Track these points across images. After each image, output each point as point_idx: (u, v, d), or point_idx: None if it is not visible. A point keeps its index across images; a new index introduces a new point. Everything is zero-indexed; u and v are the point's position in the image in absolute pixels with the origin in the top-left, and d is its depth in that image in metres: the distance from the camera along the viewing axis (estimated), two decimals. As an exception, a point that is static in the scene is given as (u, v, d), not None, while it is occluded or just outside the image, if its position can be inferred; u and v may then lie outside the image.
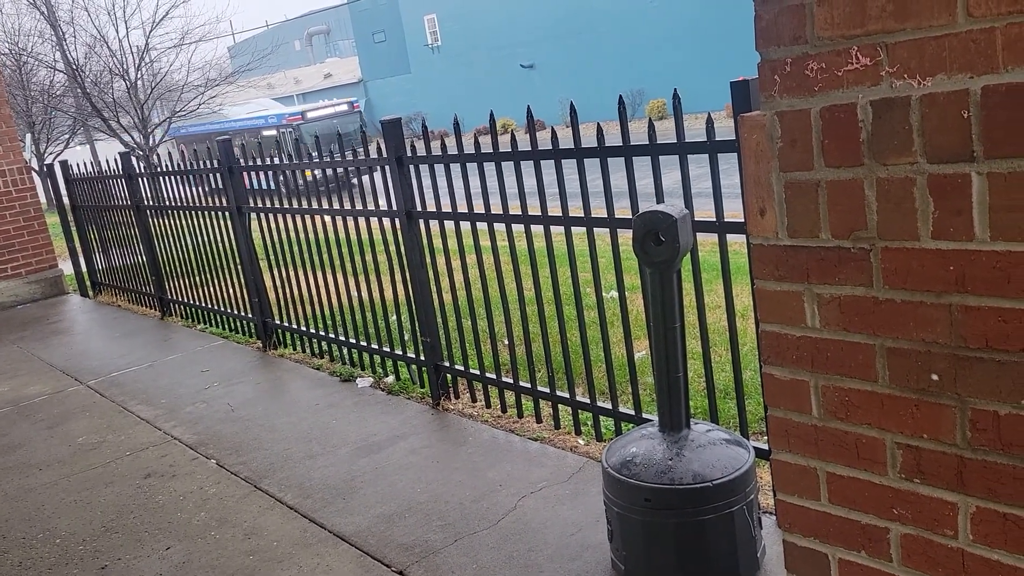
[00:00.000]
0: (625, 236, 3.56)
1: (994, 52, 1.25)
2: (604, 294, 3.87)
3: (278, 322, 6.23)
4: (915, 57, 1.34)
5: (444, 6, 38.84)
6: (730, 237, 3.21)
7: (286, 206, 5.64)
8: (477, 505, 3.59)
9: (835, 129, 1.46)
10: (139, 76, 21.14)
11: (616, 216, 3.51)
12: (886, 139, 1.39)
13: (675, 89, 3.13)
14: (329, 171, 5.12)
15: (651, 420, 3.67)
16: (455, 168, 4.20)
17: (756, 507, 2.85)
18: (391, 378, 5.20)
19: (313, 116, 25.05)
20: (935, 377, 1.43)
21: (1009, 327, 1.32)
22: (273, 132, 24.86)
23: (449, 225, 4.49)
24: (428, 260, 4.61)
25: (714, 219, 3.15)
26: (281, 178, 5.69)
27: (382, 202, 4.71)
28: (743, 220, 3.05)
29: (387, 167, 4.56)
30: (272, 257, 5.97)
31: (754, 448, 2.95)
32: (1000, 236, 1.29)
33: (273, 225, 5.83)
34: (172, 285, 7.69)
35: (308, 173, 5.23)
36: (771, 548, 2.94)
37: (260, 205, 5.95)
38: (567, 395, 4.07)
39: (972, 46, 1.27)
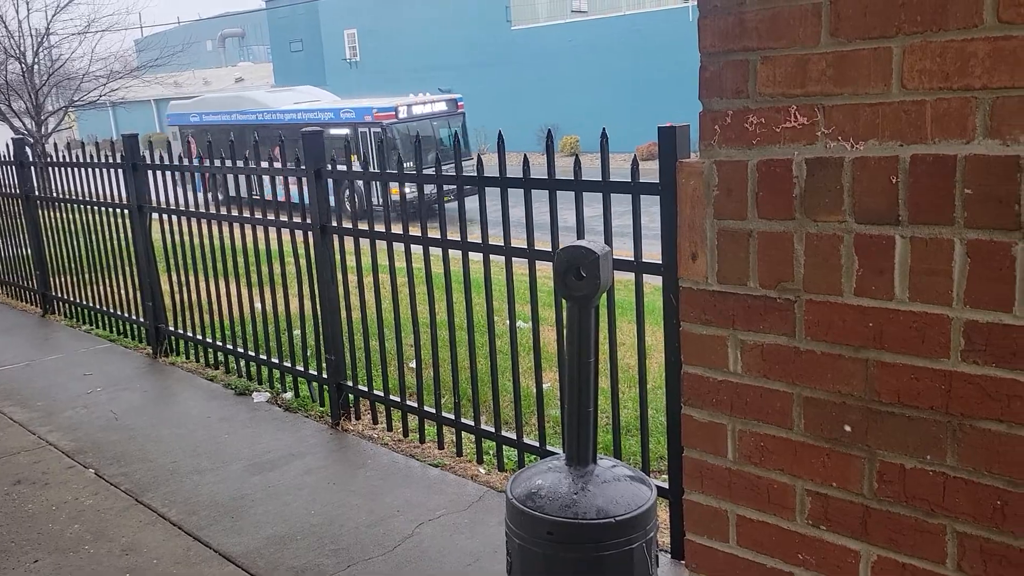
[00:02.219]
0: (543, 268, 3.59)
1: (924, 123, 1.33)
2: (519, 323, 3.88)
3: (172, 328, 5.98)
4: (850, 121, 1.41)
5: (365, 22, 38.64)
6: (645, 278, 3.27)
7: (192, 209, 5.45)
8: (373, 530, 3.52)
9: (770, 182, 1.51)
10: (36, 60, 20.17)
11: (536, 248, 3.53)
12: (818, 196, 1.45)
13: (603, 128, 3.19)
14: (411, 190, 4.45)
15: (554, 453, 3.69)
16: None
17: (655, 544, 2.89)
18: (289, 394, 5.05)
19: (408, 114, 19.39)
20: (847, 428, 1.48)
21: (921, 384, 1.38)
22: (344, 130, 18.24)
23: (365, 244, 4.42)
24: (340, 277, 4.52)
25: (632, 258, 3.20)
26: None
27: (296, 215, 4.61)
28: (659, 262, 3.13)
29: (304, 179, 4.47)
30: (172, 261, 5.75)
31: (656, 485, 2.99)
32: (918, 297, 1.36)
33: (177, 228, 5.61)
34: (58, 282, 7.29)
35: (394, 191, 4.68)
36: (665, 586, 2.98)
37: (163, 206, 5.73)
38: (472, 423, 4.05)
39: (904, 116, 1.35)
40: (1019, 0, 1.21)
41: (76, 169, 6.46)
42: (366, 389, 4.56)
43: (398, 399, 4.39)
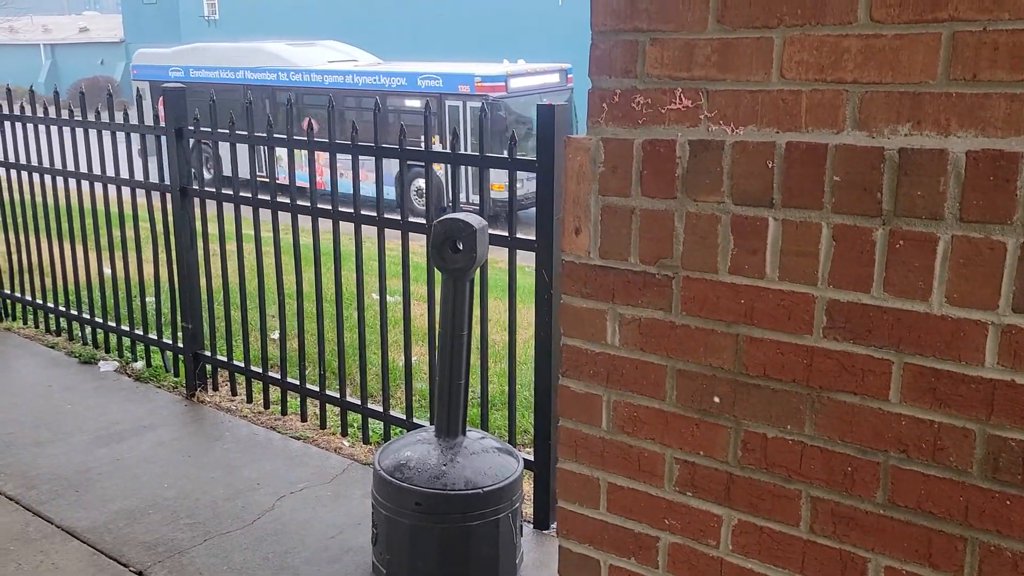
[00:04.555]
0: (416, 240, 3.57)
1: (799, 112, 1.40)
2: (387, 297, 3.84)
3: (7, 291, 5.55)
4: (731, 106, 1.47)
5: (226, -22, 36.81)
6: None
7: (34, 164, 5.05)
8: (231, 504, 3.41)
9: (654, 162, 1.56)
10: None
11: (410, 220, 3.50)
12: (699, 177, 1.51)
13: (483, 103, 3.19)
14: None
15: (421, 425, 3.69)
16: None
17: (520, 515, 2.95)
18: (140, 364, 4.80)
19: (518, 87, 14.67)
20: (716, 400, 1.56)
21: (785, 359, 1.47)
22: (416, 101, 14.14)
23: (229, 210, 4.24)
24: (200, 243, 4.32)
25: (505, 234, 3.23)
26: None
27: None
28: (533, 238, 3.17)
29: (163, 138, 4.23)
30: (10, 219, 5.32)
31: (523, 458, 3.05)
32: (787, 277, 1.45)
33: (15, 184, 5.19)
34: None
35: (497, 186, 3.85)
36: (528, 555, 3.05)
37: (1, 159, 5.28)
38: (336, 394, 3.98)
39: (781, 104, 1.42)
40: (889, 1, 1.30)
41: None
42: (225, 359, 4.40)
43: (259, 370, 4.26)
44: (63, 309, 5.18)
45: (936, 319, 1.32)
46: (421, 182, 12.52)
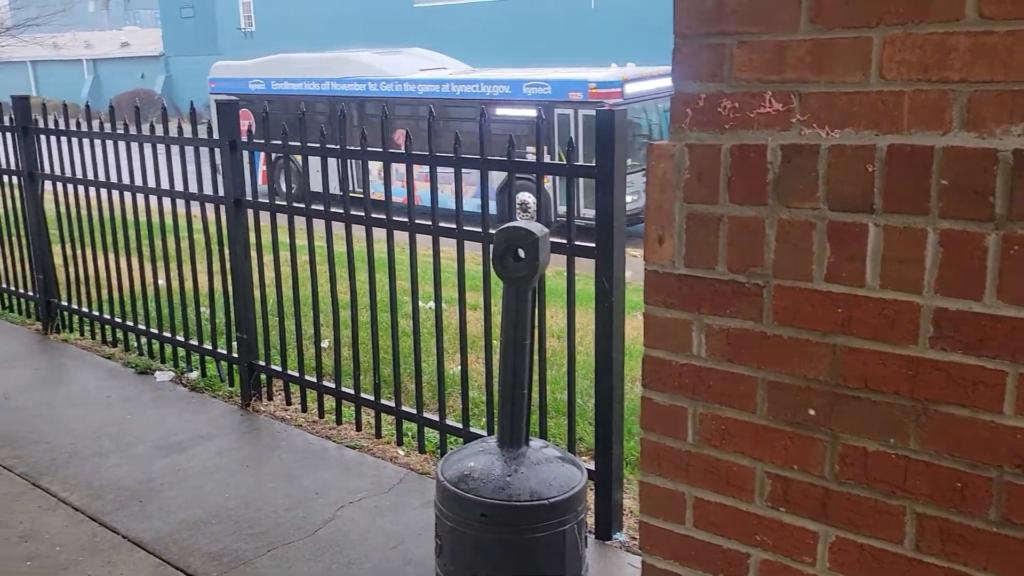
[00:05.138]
0: (471, 248, 3.55)
1: (901, 114, 1.35)
2: (439, 305, 3.82)
3: (65, 303, 5.64)
4: (826, 109, 1.42)
5: (262, -9, 37.30)
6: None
7: (90, 177, 5.12)
8: (292, 513, 3.41)
9: (743, 167, 1.51)
10: (-100, 13, 18.60)
11: (464, 228, 3.48)
12: (792, 182, 1.46)
13: (539, 110, 3.16)
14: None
15: (477, 435, 3.66)
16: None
17: (584, 526, 2.91)
18: (195, 374, 4.84)
19: (633, 92, 13.27)
20: (811, 412, 1.51)
21: (887, 370, 1.41)
22: (526, 112, 12.83)
23: (284, 220, 4.26)
24: (254, 253, 4.35)
25: (565, 241, 3.20)
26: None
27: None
28: (593, 245, 3.13)
29: (219, 150, 4.27)
30: (66, 232, 5.40)
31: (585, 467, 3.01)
32: (889, 285, 1.39)
33: (72, 198, 5.27)
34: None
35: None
36: (592, 566, 3.01)
37: (59, 173, 5.36)
38: (391, 403, 3.97)
39: (881, 106, 1.37)
40: (1000, -3, 1.24)
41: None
42: (279, 369, 4.41)
43: (313, 379, 4.27)
44: (119, 320, 5.24)
45: (1055, 328, 1.26)
46: (524, 195, 11.81)
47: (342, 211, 3.89)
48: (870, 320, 1.42)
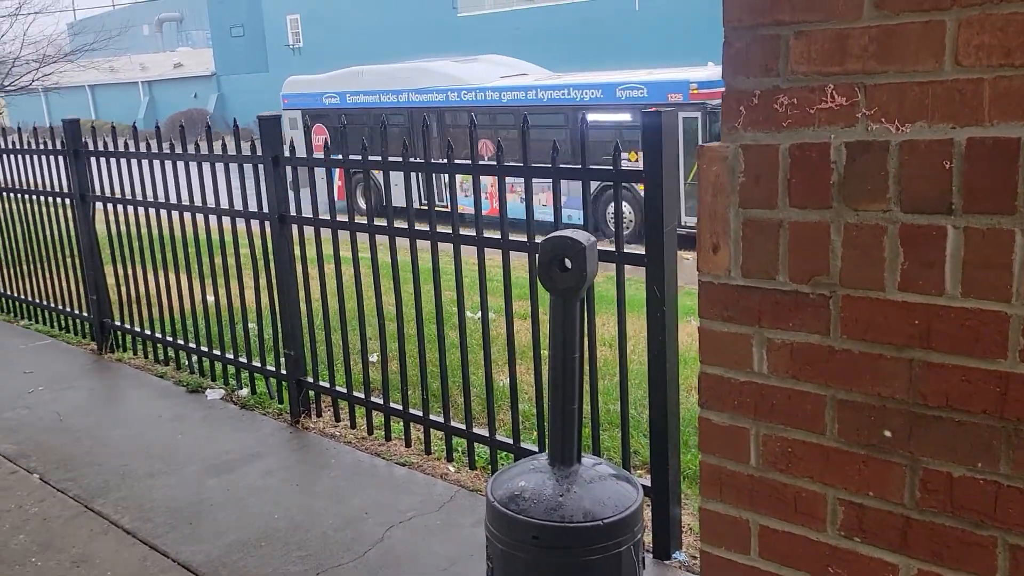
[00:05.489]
0: (517, 257, 3.46)
1: (981, 104, 1.22)
2: (477, 314, 3.73)
3: (118, 323, 5.70)
4: (895, 101, 1.29)
5: (308, 7, 37.86)
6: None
7: (139, 198, 5.17)
8: (341, 534, 3.35)
9: (804, 168, 1.39)
10: (-35, 42, 19.28)
11: (510, 238, 3.39)
12: (859, 183, 1.34)
13: (582, 114, 3.06)
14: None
15: (528, 450, 3.57)
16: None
17: (642, 546, 2.78)
18: (245, 391, 4.84)
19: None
20: (888, 434, 1.38)
21: (973, 387, 1.28)
22: (620, 116, 12.58)
23: (326, 234, 4.22)
24: (299, 268, 4.32)
25: (613, 249, 3.09)
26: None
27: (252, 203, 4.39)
28: (643, 252, 3.02)
29: (262, 166, 4.25)
30: (117, 252, 5.46)
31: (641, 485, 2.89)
32: (972, 293, 1.26)
33: (123, 218, 5.33)
34: (-7, 275, 6.91)
35: None
36: (651, 588, 2.89)
37: (109, 195, 5.43)
38: (440, 419, 3.90)
39: (958, 96, 1.24)
40: (1093, -32, 1.11)
41: (11, 156, 6.10)
42: (328, 385, 4.37)
43: (361, 395, 4.22)
44: (170, 339, 5.27)
45: None
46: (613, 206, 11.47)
47: (385, 224, 3.83)
48: (952, 332, 1.28)
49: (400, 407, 4.04)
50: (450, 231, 3.58)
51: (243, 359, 4.81)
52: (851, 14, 1.31)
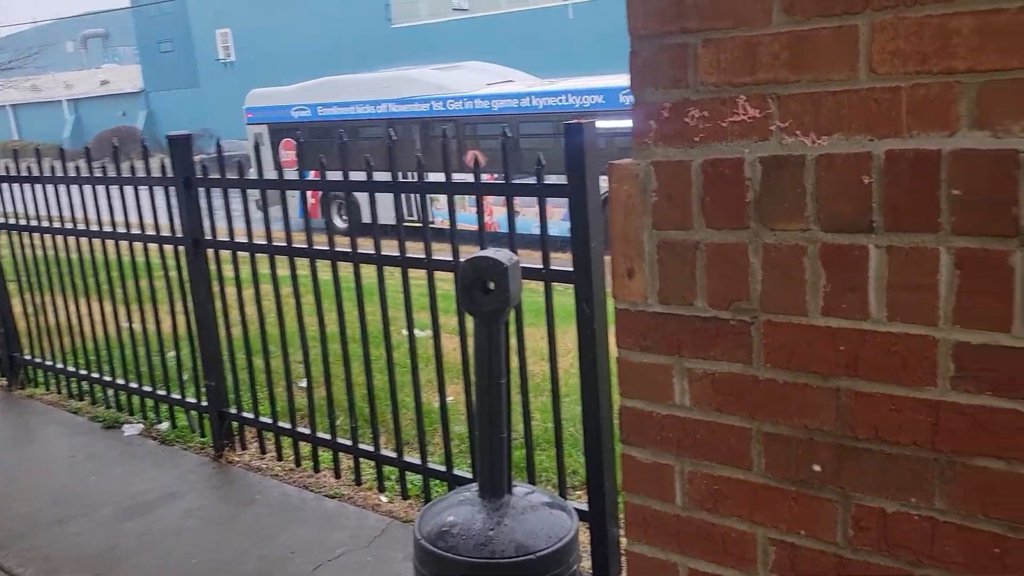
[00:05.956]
0: (443, 274, 3.33)
1: (898, 114, 1.13)
2: (417, 332, 3.58)
3: (28, 357, 5.39)
4: (810, 112, 1.20)
5: (238, 21, 37.24)
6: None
7: (45, 226, 4.89)
8: (265, 577, 3.17)
9: (718, 186, 1.29)
10: None
11: (434, 258, 3.26)
12: (776, 201, 1.24)
13: (504, 127, 2.95)
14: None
15: (462, 477, 3.43)
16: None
17: (579, 575, 2.67)
18: (165, 425, 4.60)
19: None
20: (817, 468, 1.28)
21: (902, 417, 1.19)
22: (622, 123, 9.28)
23: (244, 256, 4.04)
24: (217, 293, 4.12)
25: (540, 266, 2.98)
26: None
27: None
28: (570, 269, 2.91)
29: (172, 188, 4.04)
30: (25, 282, 5.17)
31: (576, 510, 2.78)
32: (898, 317, 1.17)
33: (28, 244, 5.04)
34: None
35: None
36: (590, 617, 2.77)
37: (11, 222, 5.13)
38: (371, 448, 3.74)
39: (874, 105, 1.15)
40: (1009, -33, 1.03)
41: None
42: (252, 416, 4.17)
43: (288, 426, 4.03)
44: (84, 372, 5.00)
45: (1104, 362, 1.04)
46: None
47: (306, 247, 3.67)
48: (878, 359, 1.20)
49: (328, 436, 3.87)
50: (373, 252, 3.43)
51: (162, 391, 4.57)
52: (760, 20, 1.22)
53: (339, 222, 13.64)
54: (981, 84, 1.07)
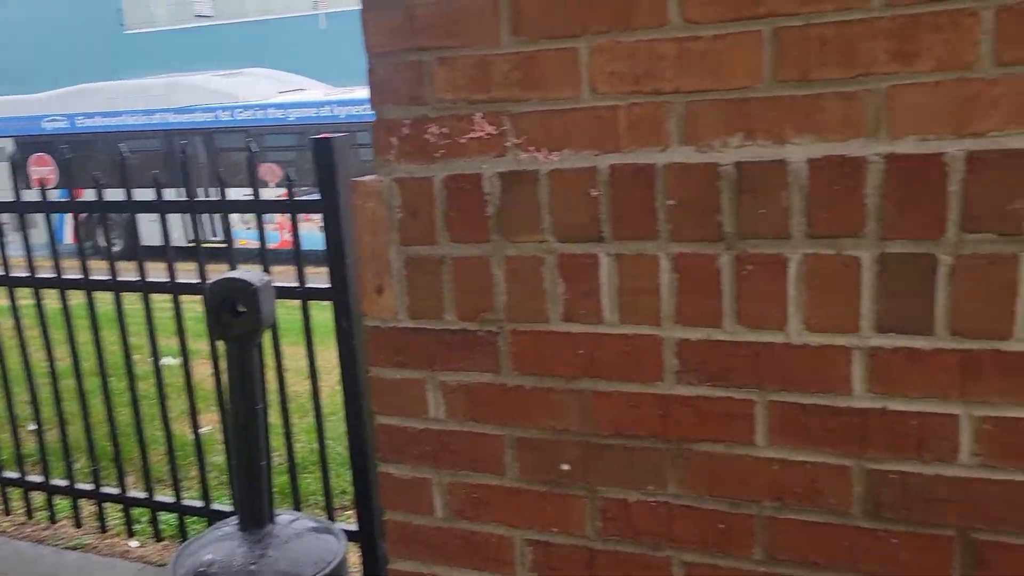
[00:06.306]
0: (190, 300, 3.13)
1: (617, 131, 1.22)
2: (163, 360, 3.34)
3: None
4: (541, 130, 1.26)
5: (-59, 22, 32.93)
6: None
7: None
8: (-6, 649, 2.81)
9: (460, 201, 1.32)
10: None
11: (179, 281, 3.06)
12: (515, 215, 1.29)
13: (249, 142, 2.84)
14: None
15: (222, 511, 3.24)
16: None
17: (349, 599, 2.62)
18: None
19: None
20: (566, 467, 1.35)
21: (638, 411, 1.28)
22: None
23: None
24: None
25: (296, 284, 2.89)
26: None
27: None
28: (328, 286, 2.85)
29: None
30: None
31: (343, 531, 2.72)
32: (628, 319, 1.26)
33: None
34: None
35: None
36: (364, 639, 2.73)
37: None
38: (116, 490, 3.43)
39: (597, 123, 1.23)
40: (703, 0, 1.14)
41: None
42: (-32, 468, 3.69)
43: (17, 475, 3.60)
44: None
45: (797, 349, 1.18)
46: None
47: (27, 275, 3.31)
48: (614, 360, 1.28)
49: (65, 482, 3.51)
50: (108, 278, 3.16)
51: None
52: (490, 40, 1.27)
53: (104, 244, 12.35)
54: (686, 104, 1.18)
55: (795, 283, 1.16)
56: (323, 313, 3.02)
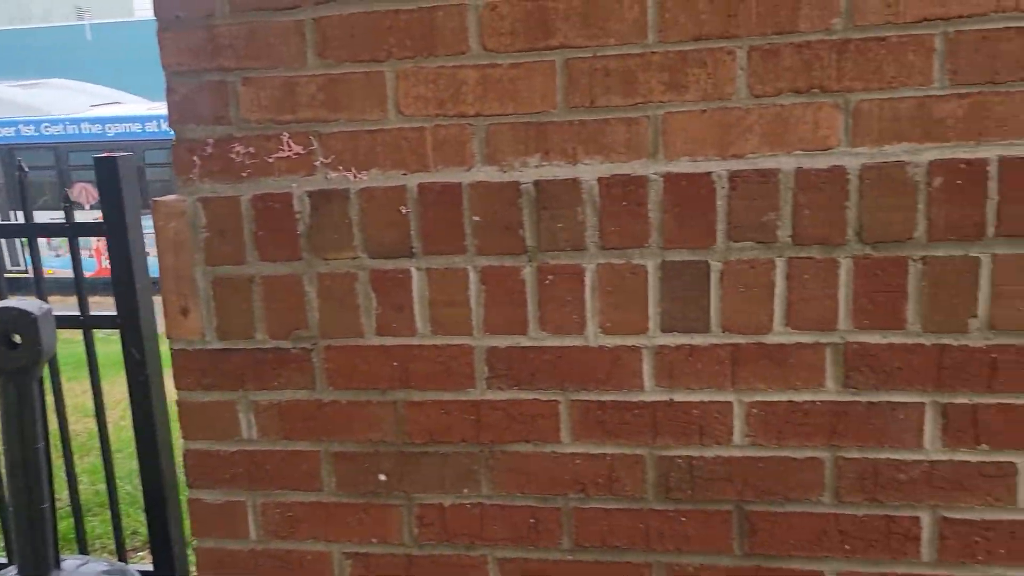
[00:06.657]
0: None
1: (425, 151, 1.28)
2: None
3: None
4: (349, 150, 1.30)
5: None
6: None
7: None
8: None
9: (270, 220, 1.33)
10: None
11: (-63, 313, 2.77)
12: (326, 232, 1.32)
13: (20, 160, 2.63)
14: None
15: (2, 563, 2.95)
16: None
17: (149, 643, 2.48)
18: None
19: None
20: (383, 477, 1.38)
21: (451, 418, 1.34)
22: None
23: None
24: None
25: (77, 312, 2.70)
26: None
27: None
28: (115, 313, 2.69)
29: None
30: None
31: (138, 572, 2.57)
32: (440, 331, 1.32)
33: None
34: None
35: None
36: None
37: None
38: None
39: (405, 144, 1.29)
40: (500, 30, 1.23)
41: None
42: None
43: None
44: None
45: (594, 351, 1.29)
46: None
47: None
48: (427, 370, 1.33)
49: None
50: None
51: None
52: (296, 62, 1.29)
53: None
54: (487, 126, 1.26)
55: (591, 291, 1.27)
56: (105, 346, 2.84)
